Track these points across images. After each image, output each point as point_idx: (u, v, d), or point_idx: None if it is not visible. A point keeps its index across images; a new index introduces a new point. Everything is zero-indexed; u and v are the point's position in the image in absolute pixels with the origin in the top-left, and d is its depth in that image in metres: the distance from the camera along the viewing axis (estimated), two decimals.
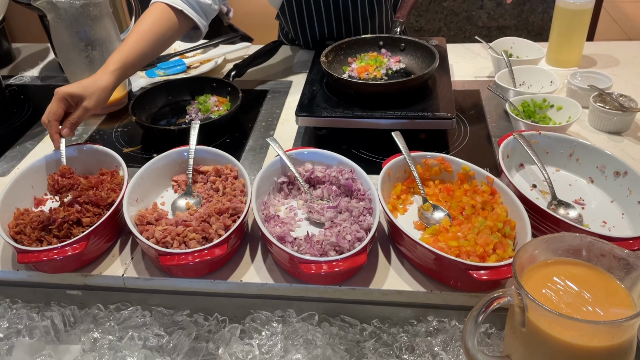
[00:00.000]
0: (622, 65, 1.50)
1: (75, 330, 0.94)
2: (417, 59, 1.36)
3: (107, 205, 0.99)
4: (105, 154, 1.10)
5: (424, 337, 0.89)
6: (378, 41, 1.40)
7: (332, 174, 1.03)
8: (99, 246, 0.95)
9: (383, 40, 1.40)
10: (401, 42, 1.39)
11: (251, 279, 0.91)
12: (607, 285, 0.69)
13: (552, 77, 1.32)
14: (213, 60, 1.60)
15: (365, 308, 0.93)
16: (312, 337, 0.89)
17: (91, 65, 1.31)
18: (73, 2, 1.23)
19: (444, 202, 1.00)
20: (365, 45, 1.40)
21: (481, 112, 1.33)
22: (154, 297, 0.97)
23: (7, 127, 1.38)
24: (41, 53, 1.79)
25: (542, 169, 1.00)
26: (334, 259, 0.83)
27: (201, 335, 0.93)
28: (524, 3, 2.84)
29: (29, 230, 0.94)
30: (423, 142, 1.21)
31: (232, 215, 0.96)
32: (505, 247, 0.86)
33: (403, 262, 0.93)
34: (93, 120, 1.38)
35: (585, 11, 1.39)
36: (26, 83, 1.61)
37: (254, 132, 1.30)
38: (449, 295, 0.87)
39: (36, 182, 1.07)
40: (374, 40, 1.41)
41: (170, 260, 0.85)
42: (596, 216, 0.98)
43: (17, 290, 0.99)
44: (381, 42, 1.40)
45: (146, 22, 1.23)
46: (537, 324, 0.66)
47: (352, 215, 0.95)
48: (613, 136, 1.21)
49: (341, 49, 1.38)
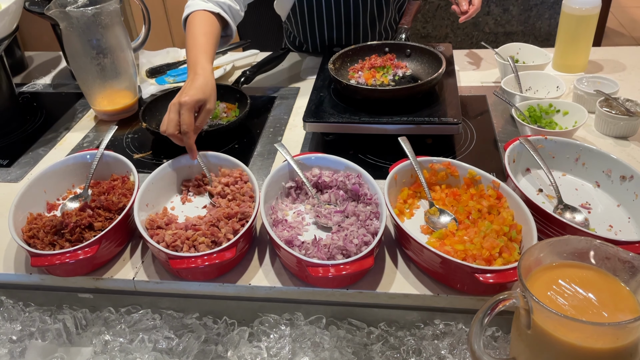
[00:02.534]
0: (629, 70, 1.50)
1: (87, 333, 0.96)
2: (423, 65, 1.37)
3: (118, 210, 1.01)
4: (116, 160, 1.12)
5: (430, 340, 0.89)
6: (384, 47, 1.42)
7: (339, 178, 1.04)
8: (110, 250, 0.96)
9: (389, 47, 1.42)
10: (407, 48, 1.40)
11: (259, 283, 0.93)
12: (612, 288, 0.69)
13: (558, 82, 1.33)
14: (222, 68, 1.62)
15: (372, 311, 0.94)
16: (319, 340, 0.90)
17: (102, 73, 1.34)
18: (85, 11, 1.26)
19: (450, 206, 1.00)
20: (371, 52, 1.42)
21: (487, 117, 1.34)
22: (164, 300, 0.98)
23: (20, 133, 1.41)
24: (53, 61, 1.82)
25: (548, 173, 1.00)
26: (341, 263, 0.84)
27: (210, 338, 0.95)
28: (530, 9, 2.85)
29: (42, 234, 0.96)
30: (429, 147, 1.22)
31: (240, 220, 0.97)
32: (511, 250, 0.87)
33: (410, 266, 0.93)
34: (104, 127, 1.40)
35: (591, 17, 1.40)
36: (39, 91, 1.64)
37: (262, 138, 1.32)
38: (456, 298, 0.88)
39: (49, 188, 1.09)
40: (380, 46, 1.42)
41: (180, 264, 0.87)
42: (602, 220, 0.98)
43: (30, 293, 1.01)
44: (387, 49, 1.42)
45: (202, 24, 1.25)
46: (543, 326, 0.67)
47: (359, 219, 0.96)
48: (619, 141, 1.21)
49: (348, 55, 1.40)
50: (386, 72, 1.35)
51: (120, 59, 1.35)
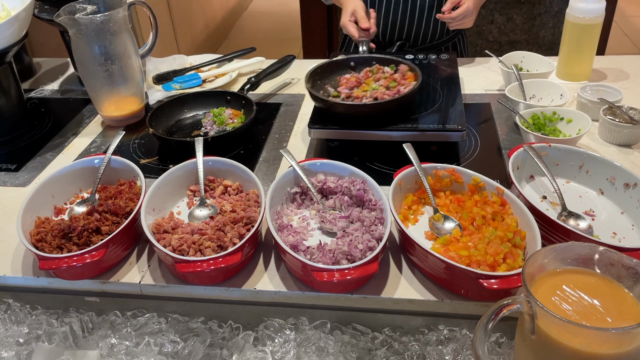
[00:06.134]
0: (632, 78, 1.51)
1: (93, 336, 0.97)
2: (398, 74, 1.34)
3: (125, 214, 1.02)
4: (123, 165, 1.13)
5: (435, 346, 0.90)
6: (349, 62, 1.39)
7: (344, 184, 1.05)
8: (117, 254, 0.97)
9: (354, 61, 1.39)
10: (372, 61, 1.38)
11: (265, 287, 0.93)
12: (616, 294, 0.70)
13: (562, 90, 1.34)
14: (228, 74, 1.63)
15: (377, 316, 0.94)
16: (324, 345, 0.91)
17: (110, 79, 1.35)
18: (94, 18, 1.27)
19: (454, 212, 1.01)
20: (338, 68, 1.37)
21: (491, 124, 1.35)
22: (170, 304, 0.99)
23: (28, 138, 1.42)
24: (61, 67, 1.84)
25: (552, 180, 1.01)
26: (346, 268, 0.85)
27: (215, 342, 0.95)
28: (534, 18, 2.86)
29: (49, 238, 0.97)
30: (434, 154, 1.23)
31: (246, 224, 0.98)
32: (515, 256, 0.87)
33: (414, 271, 0.94)
34: (111, 132, 1.42)
35: (595, 25, 1.41)
36: (46, 96, 1.65)
37: (267, 144, 1.33)
38: (460, 304, 0.88)
39: (56, 192, 1.10)
40: (345, 61, 1.38)
41: (186, 268, 0.88)
42: (606, 227, 0.98)
43: (37, 296, 1.02)
44: (352, 63, 1.39)
45: None
46: (547, 331, 0.67)
47: (364, 225, 0.97)
48: (623, 148, 1.22)
49: (317, 74, 1.34)
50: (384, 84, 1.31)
51: (128, 65, 1.37)
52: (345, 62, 1.40)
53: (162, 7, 3.38)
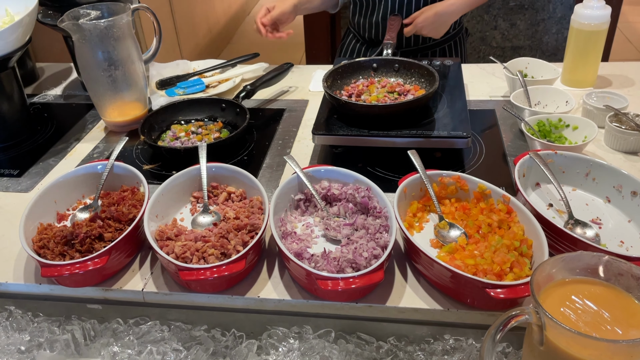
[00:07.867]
0: (638, 85, 1.50)
1: (95, 344, 0.96)
2: (412, 78, 1.36)
3: (128, 221, 1.01)
4: (126, 171, 1.12)
5: (440, 356, 0.89)
6: (372, 63, 1.40)
7: (349, 191, 1.04)
8: (119, 261, 0.97)
9: (377, 63, 1.40)
10: (395, 64, 1.39)
11: (268, 295, 0.92)
12: (626, 305, 0.69)
13: (567, 97, 1.33)
14: (231, 80, 1.63)
15: (382, 325, 0.93)
16: (328, 354, 0.90)
17: (113, 84, 1.35)
18: (98, 24, 1.27)
19: (460, 220, 1.00)
20: (360, 69, 1.40)
21: (496, 131, 1.34)
22: (173, 312, 0.98)
23: (31, 144, 1.42)
24: (64, 72, 1.83)
25: (559, 188, 1.00)
26: (350, 276, 0.84)
27: (218, 350, 0.94)
28: (537, 24, 2.86)
29: (52, 244, 0.96)
30: (439, 161, 1.22)
31: (250, 232, 0.97)
32: (522, 265, 0.86)
33: (419, 280, 0.93)
34: (114, 138, 1.41)
35: (600, 32, 1.40)
36: (49, 101, 1.65)
37: (271, 150, 1.32)
38: (466, 313, 0.87)
39: (59, 198, 1.10)
40: (368, 62, 1.40)
41: (189, 275, 0.87)
42: (613, 236, 0.97)
43: (39, 304, 1.01)
44: (375, 64, 1.40)
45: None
46: (556, 342, 0.66)
47: (369, 232, 0.96)
48: (629, 156, 1.21)
49: (338, 73, 1.37)
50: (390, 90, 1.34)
51: (132, 70, 1.36)
52: (368, 63, 1.41)
53: (165, 12, 3.39)
